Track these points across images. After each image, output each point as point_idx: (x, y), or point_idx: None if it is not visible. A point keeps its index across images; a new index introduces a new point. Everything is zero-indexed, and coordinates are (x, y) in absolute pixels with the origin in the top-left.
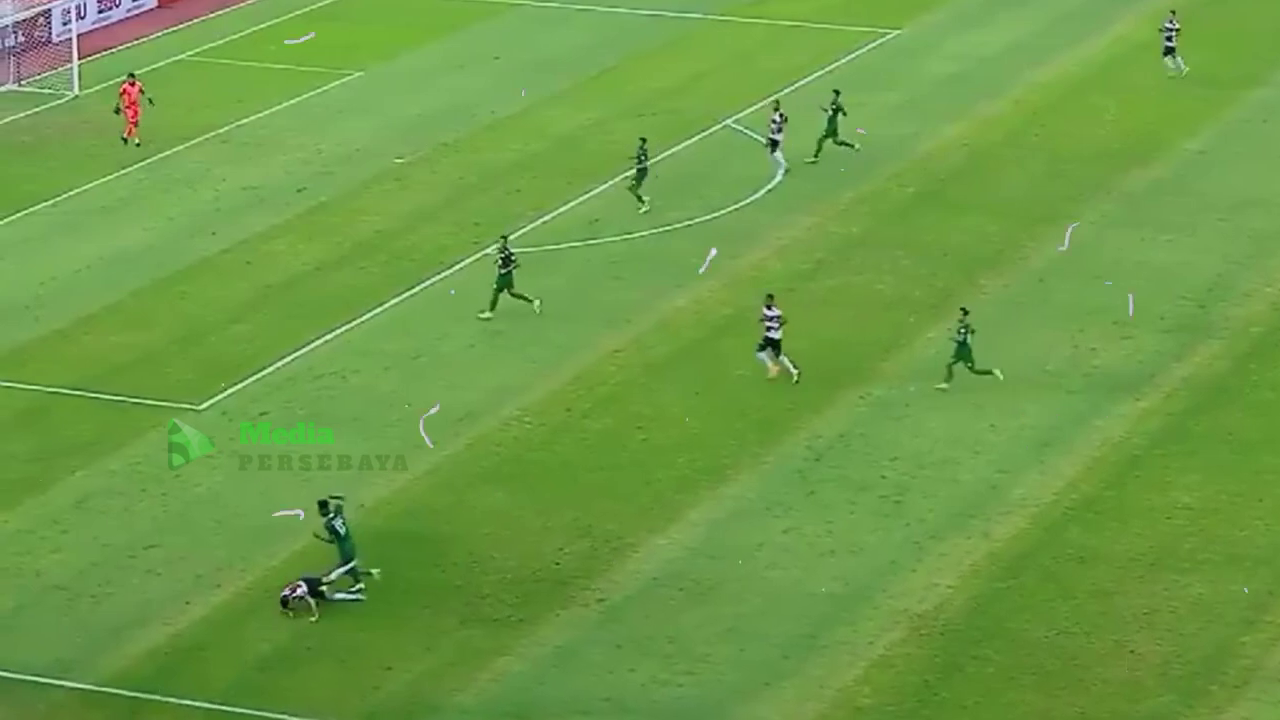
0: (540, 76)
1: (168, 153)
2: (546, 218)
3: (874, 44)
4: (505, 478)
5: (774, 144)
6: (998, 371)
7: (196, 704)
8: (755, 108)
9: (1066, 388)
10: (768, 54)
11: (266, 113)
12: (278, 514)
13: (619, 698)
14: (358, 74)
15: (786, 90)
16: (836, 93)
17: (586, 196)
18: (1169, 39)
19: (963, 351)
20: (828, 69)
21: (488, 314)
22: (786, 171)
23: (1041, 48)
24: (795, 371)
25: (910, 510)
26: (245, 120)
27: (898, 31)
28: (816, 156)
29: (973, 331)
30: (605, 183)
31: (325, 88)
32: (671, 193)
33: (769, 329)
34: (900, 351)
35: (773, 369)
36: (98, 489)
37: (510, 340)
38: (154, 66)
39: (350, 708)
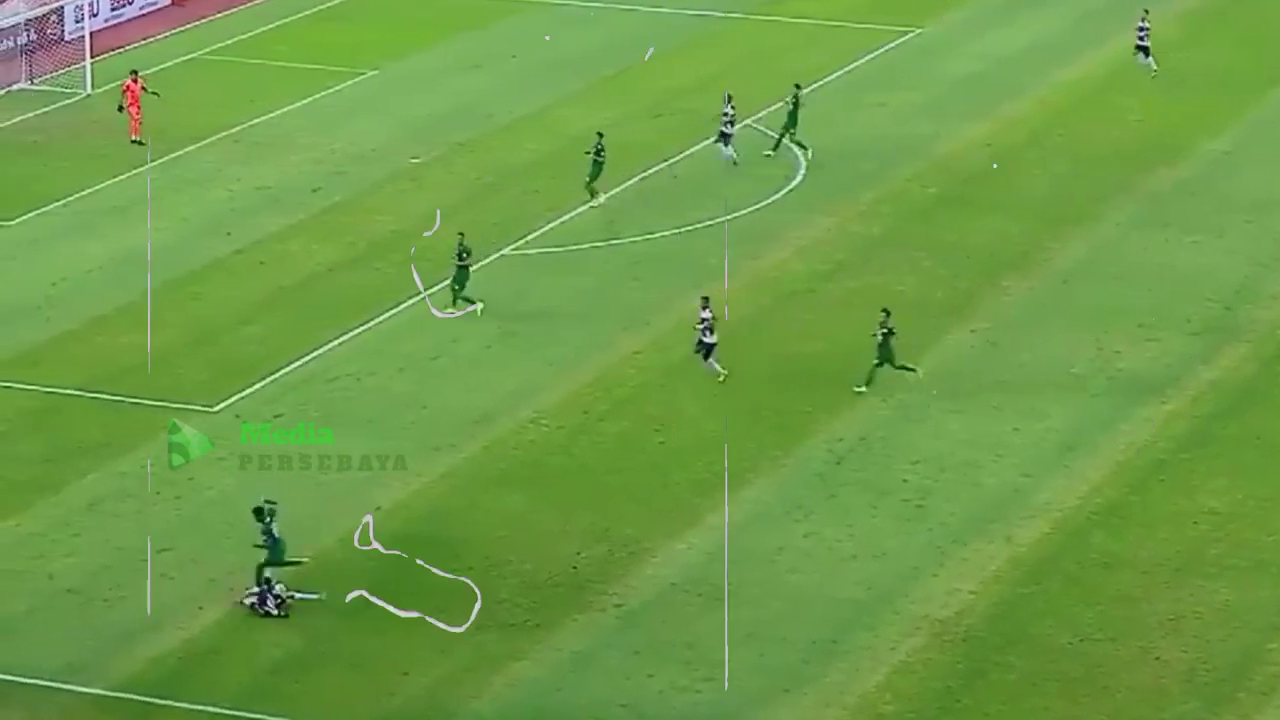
0: (557, 76)
1: (179, 153)
2: (565, 218)
3: (895, 43)
4: (522, 481)
5: (725, 137)
6: (919, 370)
7: (208, 709)
8: (774, 108)
9: (1090, 390)
10: (786, 54)
11: (279, 112)
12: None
13: (636, 704)
14: (371, 73)
15: (809, 89)
16: (798, 87)
17: (605, 197)
18: (1142, 38)
19: (883, 352)
20: (848, 68)
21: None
22: (735, 164)
23: (1064, 47)
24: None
25: (932, 514)
26: (257, 120)
27: (919, 31)
28: (775, 149)
29: (892, 332)
30: (623, 183)
31: (338, 87)
32: (691, 193)
33: None
34: (921, 354)
35: None
36: (109, 491)
37: (527, 342)
38: (164, 65)
39: (364, 713)
